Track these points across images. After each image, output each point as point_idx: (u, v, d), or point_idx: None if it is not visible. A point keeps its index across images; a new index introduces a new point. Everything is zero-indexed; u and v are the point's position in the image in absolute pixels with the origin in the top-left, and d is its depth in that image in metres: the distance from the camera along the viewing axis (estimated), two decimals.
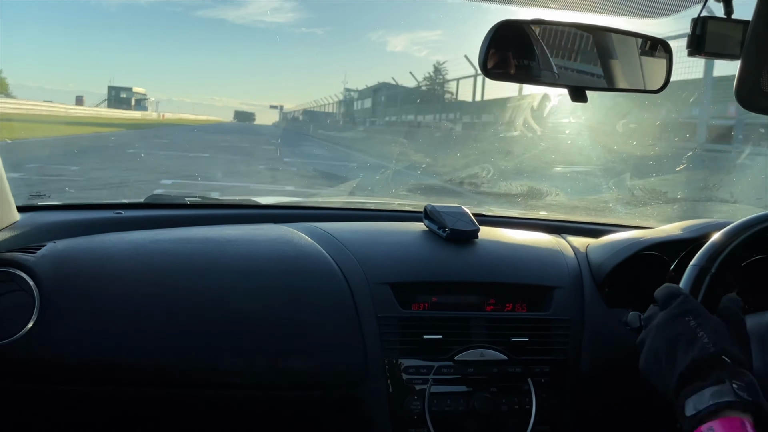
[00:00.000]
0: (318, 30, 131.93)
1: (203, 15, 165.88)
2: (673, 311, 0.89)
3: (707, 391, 0.77)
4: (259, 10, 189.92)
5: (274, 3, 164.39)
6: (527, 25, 1.02)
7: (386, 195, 8.66)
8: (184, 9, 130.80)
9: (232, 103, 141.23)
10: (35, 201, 1.42)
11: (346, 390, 1.17)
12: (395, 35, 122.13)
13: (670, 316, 0.89)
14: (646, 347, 0.90)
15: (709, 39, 0.91)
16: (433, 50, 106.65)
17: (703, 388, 0.78)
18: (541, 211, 3.88)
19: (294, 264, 1.23)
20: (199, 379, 1.13)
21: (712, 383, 0.78)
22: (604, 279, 1.30)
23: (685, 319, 0.87)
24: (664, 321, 0.89)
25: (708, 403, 0.76)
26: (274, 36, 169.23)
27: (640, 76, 1.10)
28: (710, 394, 0.77)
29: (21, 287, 1.09)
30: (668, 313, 0.90)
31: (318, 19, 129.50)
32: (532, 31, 1.02)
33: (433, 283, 1.23)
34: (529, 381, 1.19)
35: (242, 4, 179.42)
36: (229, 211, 1.53)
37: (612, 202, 6.45)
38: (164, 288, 1.15)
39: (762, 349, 0.95)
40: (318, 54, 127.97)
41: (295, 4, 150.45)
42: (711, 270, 1.04)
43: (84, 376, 1.10)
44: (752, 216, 1.12)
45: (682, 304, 0.90)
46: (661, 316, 0.91)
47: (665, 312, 0.91)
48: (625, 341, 1.13)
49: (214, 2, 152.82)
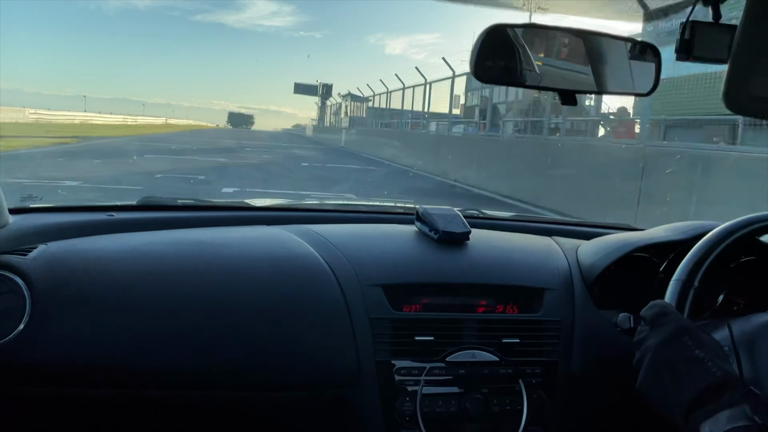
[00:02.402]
0: (316, 33, 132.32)
1: (202, 19, 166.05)
2: (667, 333, 0.90)
3: (722, 414, 0.78)
4: (258, 14, 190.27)
5: (273, 7, 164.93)
6: (518, 29, 1.03)
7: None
8: (182, 13, 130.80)
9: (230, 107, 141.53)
10: (27, 203, 1.41)
11: (337, 391, 1.17)
12: (393, 38, 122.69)
13: (665, 337, 0.90)
14: (645, 369, 0.90)
15: (697, 43, 0.93)
16: (431, 53, 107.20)
17: (716, 411, 0.79)
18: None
19: (286, 266, 1.23)
20: (190, 380, 1.13)
21: (725, 406, 0.79)
22: (595, 280, 1.31)
23: (682, 341, 0.88)
24: (660, 343, 0.90)
25: (726, 427, 0.77)
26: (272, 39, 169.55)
27: (630, 79, 1.11)
28: (726, 418, 0.78)
29: (12, 289, 1.08)
30: (662, 334, 0.91)
31: (316, 22, 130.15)
32: (524, 35, 1.03)
33: (425, 285, 1.24)
34: (520, 382, 1.19)
35: (241, 9, 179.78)
36: (221, 213, 1.53)
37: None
38: (156, 290, 1.15)
39: (749, 354, 0.95)
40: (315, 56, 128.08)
41: (293, 8, 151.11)
42: (694, 284, 1.04)
43: (76, 379, 1.09)
44: (733, 221, 1.12)
45: (675, 325, 0.91)
46: (656, 338, 0.91)
47: (658, 332, 0.91)
48: (616, 342, 1.14)
49: (213, 6, 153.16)
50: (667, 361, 0.88)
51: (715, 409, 0.79)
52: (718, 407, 0.79)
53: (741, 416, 0.78)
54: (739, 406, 0.79)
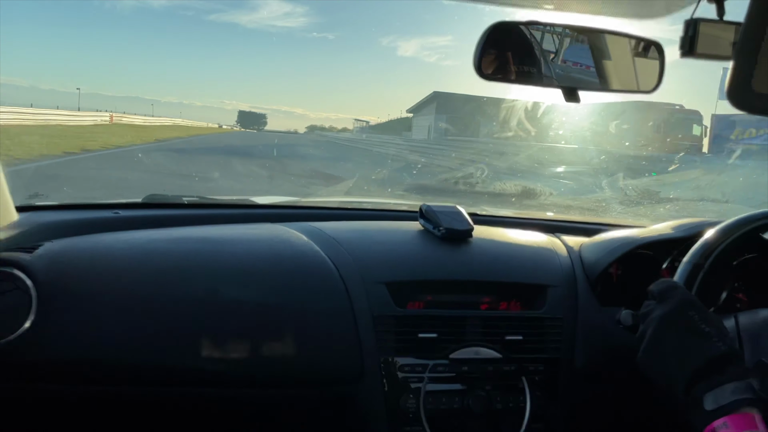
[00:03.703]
0: (329, 35, 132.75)
1: (216, 19, 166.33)
2: (674, 304, 0.90)
3: (728, 387, 0.79)
4: (272, 14, 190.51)
5: (286, 8, 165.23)
6: (521, 27, 1.03)
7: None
8: (196, 12, 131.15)
9: (242, 106, 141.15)
10: (33, 201, 1.42)
11: (341, 388, 1.17)
12: (406, 40, 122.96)
13: (671, 309, 0.90)
14: (648, 340, 0.90)
15: (701, 40, 0.93)
16: (444, 55, 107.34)
17: (722, 383, 0.79)
18: (535, 210, 3.89)
19: (290, 263, 1.23)
20: (195, 378, 1.14)
21: (730, 379, 0.79)
22: (597, 277, 1.32)
23: (689, 314, 0.88)
24: (665, 314, 0.90)
25: (730, 399, 0.78)
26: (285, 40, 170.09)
27: (633, 77, 1.11)
28: (731, 390, 0.78)
29: (18, 287, 1.09)
30: (669, 306, 0.91)
31: (329, 23, 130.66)
32: (527, 32, 1.03)
33: (429, 282, 1.24)
34: (523, 379, 1.20)
35: (254, 9, 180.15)
36: (226, 210, 1.53)
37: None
38: (161, 287, 1.15)
39: (754, 347, 0.96)
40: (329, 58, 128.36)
41: (307, 9, 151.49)
42: (704, 267, 1.06)
43: (81, 376, 1.10)
44: (745, 214, 1.13)
45: (682, 298, 0.91)
46: (662, 309, 0.91)
47: (665, 305, 0.91)
48: (618, 339, 1.14)
49: (227, 6, 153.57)
50: (672, 333, 0.88)
51: (720, 381, 0.79)
52: (723, 379, 0.79)
53: (746, 389, 0.78)
54: (744, 380, 0.79)
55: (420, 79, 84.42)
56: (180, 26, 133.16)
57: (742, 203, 6.92)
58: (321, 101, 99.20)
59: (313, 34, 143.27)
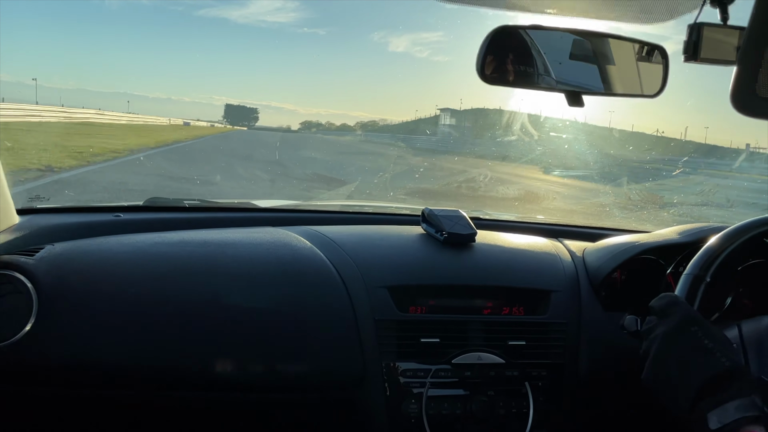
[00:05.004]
0: (320, 30, 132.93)
1: (205, 14, 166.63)
2: (677, 322, 0.90)
3: (731, 404, 0.78)
4: (262, 9, 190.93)
5: (277, 3, 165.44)
6: (524, 31, 1.02)
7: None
8: (186, 8, 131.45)
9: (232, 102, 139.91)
10: (34, 204, 1.42)
11: (343, 393, 1.17)
12: (397, 36, 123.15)
13: (674, 326, 0.89)
14: (652, 358, 0.90)
15: (704, 45, 0.92)
16: (434, 51, 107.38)
17: (725, 401, 0.79)
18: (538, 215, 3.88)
19: (292, 267, 1.23)
20: (197, 381, 1.13)
21: (734, 396, 0.79)
22: (601, 282, 1.31)
23: (692, 330, 0.87)
24: (668, 332, 0.89)
25: (734, 417, 0.77)
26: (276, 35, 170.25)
27: (637, 81, 1.10)
28: (734, 408, 0.78)
29: (19, 290, 1.09)
30: (671, 323, 0.90)
31: (320, 19, 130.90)
32: (529, 37, 1.03)
33: (431, 287, 1.24)
34: (526, 384, 1.19)
35: (245, 4, 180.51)
36: (227, 214, 1.53)
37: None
38: (163, 291, 1.15)
39: (758, 354, 0.95)
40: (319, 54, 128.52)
41: (297, 4, 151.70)
42: (706, 278, 1.05)
43: (82, 379, 1.10)
44: (747, 221, 1.12)
45: (684, 314, 0.90)
46: (664, 327, 0.90)
47: (667, 322, 0.91)
48: (622, 345, 1.13)
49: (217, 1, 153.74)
50: (675, 350, 0.87)
51: (724, 399, 0.79)
52: (726, 397, 0.79)
53: (750, 406, 0.77)
54: (748, 397, 0.78)
55: (411, 75, 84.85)
56: (169, 21, 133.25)
57: (746, 208, 6.90)
58: (311, 97, 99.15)
59: (304, 30, 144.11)
